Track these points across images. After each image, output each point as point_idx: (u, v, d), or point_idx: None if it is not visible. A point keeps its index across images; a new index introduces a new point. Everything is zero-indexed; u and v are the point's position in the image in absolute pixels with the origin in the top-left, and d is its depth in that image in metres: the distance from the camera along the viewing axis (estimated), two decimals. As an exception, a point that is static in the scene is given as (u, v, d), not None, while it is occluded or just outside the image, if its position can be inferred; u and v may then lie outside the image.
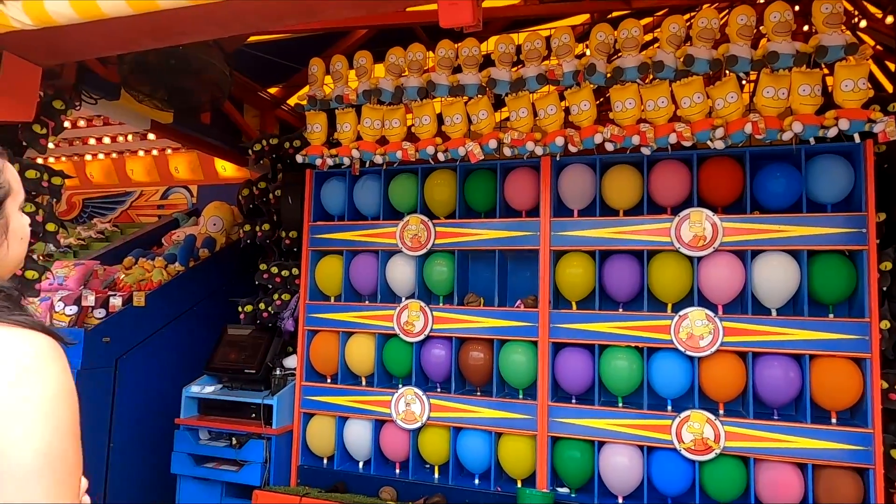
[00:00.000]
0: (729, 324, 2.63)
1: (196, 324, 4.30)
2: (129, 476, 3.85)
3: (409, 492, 3.02)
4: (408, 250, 3.17)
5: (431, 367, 3.10)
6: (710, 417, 2.60)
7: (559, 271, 2.94)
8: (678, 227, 2.73)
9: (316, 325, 3.34)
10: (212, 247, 4.71)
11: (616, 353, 2.79)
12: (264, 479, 3.15)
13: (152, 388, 3.98)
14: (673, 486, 2.68)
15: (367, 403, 3.17)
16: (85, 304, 3.85)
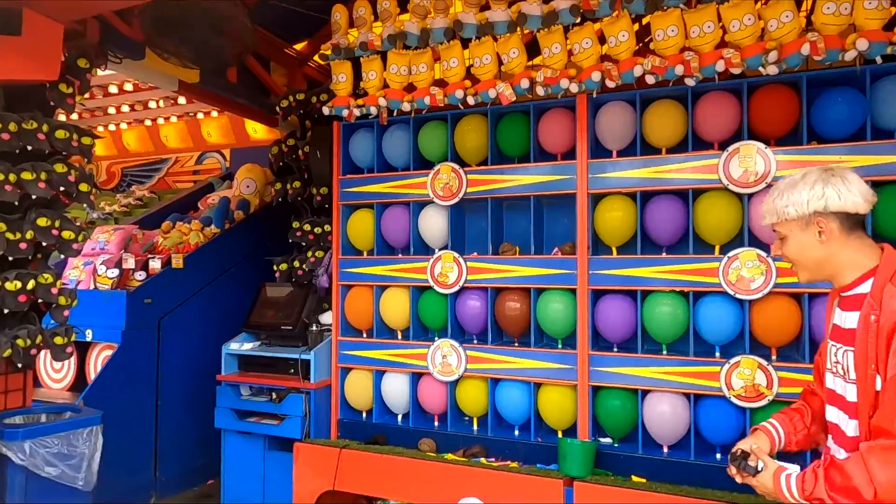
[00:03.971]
0: (783, 264, 2.46)
1: (234, 284, 4.36)
2: (177, 433, 3.98)
3: (448, 443, 3.00)
4: (439, 200, 3.07)
5: (467, 318, 3.03)
6: (761, 363, 2.47)
7: (598, 216, 2.80)
8: (726, 163, 2.55)
9: (349, 280, 3.31)
10: (246, 208, 4.73)
11: (660, 299, 2.66)
12: (305, 433, 3.18)
13: (194, 347, 4.07)
14: (722, 434, 2.56)
15: (403, 357, 3.14)
16: (126, 267, 3.92)
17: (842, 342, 1.47)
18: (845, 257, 1.44)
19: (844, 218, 1.42)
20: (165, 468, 3.92)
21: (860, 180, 1.45)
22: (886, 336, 1.32)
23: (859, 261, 1.43)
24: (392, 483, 2.78)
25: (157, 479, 3.89)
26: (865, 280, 1.42)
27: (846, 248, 1.43)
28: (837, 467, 1.32)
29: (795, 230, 1.46)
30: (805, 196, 1.43)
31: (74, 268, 4.08)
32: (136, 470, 3.76)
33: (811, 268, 1.49)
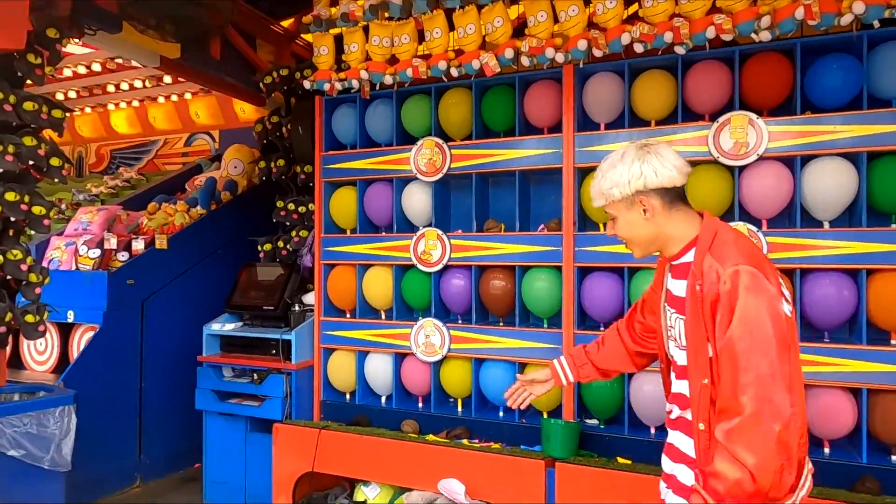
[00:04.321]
0: (774, 238, 2.37)
1: (220, 265, 4.29)
2: (162, 416, 3.93)
3: (432, 425, 2.94)
4: (423, 176, 2.98)
5: (451, 297, 2.95)
6: (751, 341, 2.38)
7: (585, 191, 2.70)
8: (717, 135, 2.45)
9: (332, 259, 3.23)
10: (233, 189, 4.65)
11: (648, 277, 2.57)
12: (286, 414, 3.11)
13: (179, 329, 4.01)
14: (710, 415, 2.49)
15: (386, 337, 3.07)
16: (107, 247, 3.85)
17: (674, 308, 1.49)
18: (670, 230, 1.47)
19: (664, 193, 1.45)
20: (150, 451, 3.87)
21: (674, 154, 1.47)
22: (710, 306, 1.35)
23: (683, 232, 1.47)
24: (372, 465, 2.72)
25: (142, 461, 3.84)
26: (689, 250, 1.45)
27: (670, 222, 1.46)
28: (712, 475, 1.28)
29: (623, 210, 1.49)
30: (625, 177, 1.45)
31: (56, 248, 4.01)
32: (119, 453, 3.71)
33: (642, 244, 1.52)
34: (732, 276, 1.32)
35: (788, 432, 1.25)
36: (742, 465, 1.23)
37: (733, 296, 1.31)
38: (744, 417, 1.25)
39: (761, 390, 1.26)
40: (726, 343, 1.31)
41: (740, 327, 1.29)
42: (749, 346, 1.28)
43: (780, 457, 1.24)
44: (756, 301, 1.30)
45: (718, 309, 1.33)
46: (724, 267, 1.34)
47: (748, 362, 1.28)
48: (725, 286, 1.32)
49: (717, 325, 1.33)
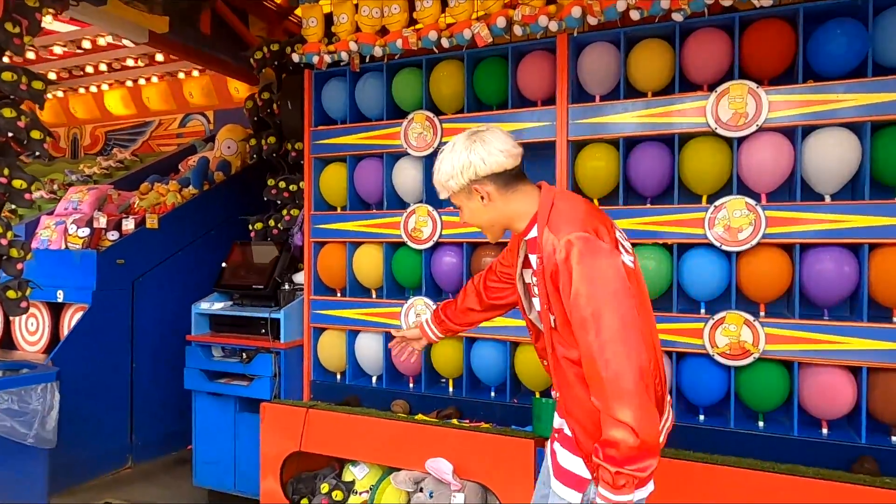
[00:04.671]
0: (773, 213, 2.29)
1: (213, 245, 4.23)
2: (154, 397, 3.90)
3: (422, 405, 2.89)
4: (413, 151, 2.91)
5: (442, 275, 2.89)
6: (748, 318, 2.31)
7: (579, 165, 2.63)
8: (716, 105, 2.37)
9: (322, 237, 3.16)
10: (226, 170, 4.59)
11: (643, 253, 2.50)
12: (274, 394, 3.07)
13: (171, 310, 3.96)
14: (705, 395, 2.43)
15: (376, 316, 3.01)
16: (97, 226, 3.80)
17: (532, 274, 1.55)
18: (511, 211, 1.52)
19: (496, 178, 1.49)
20: (142, 432, 3.84)
21: (503, 138, 1.51)
22: (551, 278, 1.41)
23: (524, 209, 1.51)
24: (360, 445, 2.67)
25: (134, 443, 3.82)
26: (532, 226, 1.50)
27: (510, 203, 1.51)
28: (605, 444, 1.31)
29: (463, 199, 1.54)
30: (457, 168, 1.49)
31: (46, 227, 3.96)
32: (110, 434, 3.68)
33: (490, 228, 1.57)
34: (566, 245, 1.37)
35: (649, 377, 1.32)
36: (624, 425, 1.27)
37: (569, 264, 1.36)
38: (608, 380, 1.31)
39: (617, 349, 1.31)
40: (574, 310, 1.36)
41: (583, 291, 1.35)
42: (595, 308, 1.33)
43: (650, 408, 1.30)
44: (592, 262, 1.36)
45: (559, 280, 1.39)
46: (558, 238, 1.39)
47: (599, 325, 1.33)
48: (561, 255, 1.38)
49: (562, 294, 1.39)
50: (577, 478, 1.48)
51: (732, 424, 2.38)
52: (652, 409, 1.31)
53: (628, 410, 1.28)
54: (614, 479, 1.30)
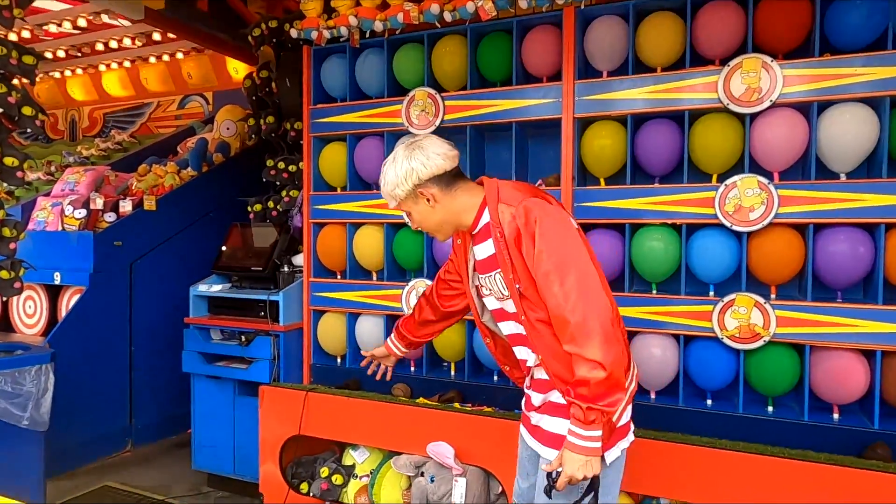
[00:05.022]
0: (786, 192, 2.22)
1: (211, 228, 4.16)
2: (153, 380, 3.86)
3: (424, 389, 2.84)
4: (415, 129, 2.83)
5: (444, 256, 2.82)
6: (758, 301, 2.25)
7: (585, 143, 2.55)
8: (727, 80, 2.28)
9: (322, 218, 3.10)
10: (225, 151, 4.51)
11: (650, 233, 2.43)
12: (273, 377, 3.02)
13: (170, 293, 3.91)
14: (713, 379, 2.37)
15: (377, 298, 2.95)
16: (94, 207, 3.74)
17: (487, 270, 1.64)
18: (458, 207, 1.62)
19: (438, 180, 1.60)
20: (141, 416, 3.81)
21: (438, 143, 1.62)
22: (514, 243, 1.53)
23: (470, 203, 1.62)
24: (360, 428, 2.63)
25: (133, 426, 3.79)
26: (482, 213, 1.61)
27: (455, 201, 1.62)
28: (576, 384, 1.44)
29: (411, 205, 1.64)
30: (400, 176, 1.59)
31: (42, 209, 3.90)
32: (109, 417, 3.65)
33: (440, 228, 1.66)
34: (524, 210, 1.51)
35: (611, 323, 1.44)
36: (593, 362, 1.40)
37: (529, 226, 1.50)
38: (576, 324, 1.43)
39: (581, 295, 1.45)
40: (538, 267, 1.48)
41: (545, 248, 1.48)
42: (558, 261, 1.47)
43: (616, 344, 1.43)
44: (549, 221, 1.50)
45: (522, 242, 1.51)
46: (514, 206, 1.53)
47: (562, 276, 1.46)
48: (521, 220, 1.51)
49: (525, 256, 1.51)
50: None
51: (741, 409, 2.32)
52: (618, 346, 1.43)
53: (596, 348, 1.40)
54: (585, 415, 1.41)
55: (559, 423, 1.55)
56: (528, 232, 1.50)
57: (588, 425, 1.42)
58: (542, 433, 1.61)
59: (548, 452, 1.58)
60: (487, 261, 1.62)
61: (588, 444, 1.43)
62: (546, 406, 1.61)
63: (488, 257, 1.61)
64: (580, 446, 1.43)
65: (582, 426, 1.42)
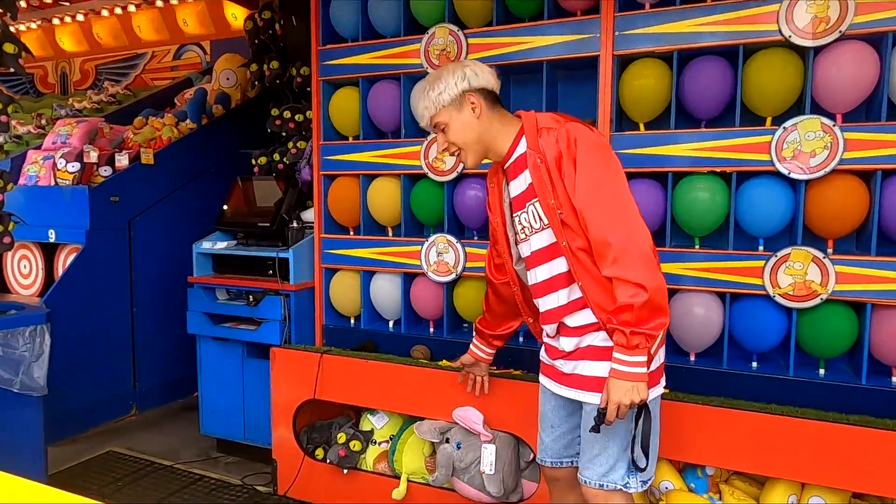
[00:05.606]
0: (853, 134, 2.00)
1: (213, 183, 3.95)
2: (157, 342, 3.70)
3: (444, 351, 2.67)
4: (434, 70, 2.58)
5: (466, 210, 2.62)
6: (816, 255, 2.06)
7: (624, 83, 2.32)
8: (790, 8, 2.04)
9: (333, 170, 2.88)
10: (226, 103, 4.25)
11: (695, 183, 2.22)
12: (284, 338, 2.86)
13: (172, 251, 3.72)
14: (761, 340, 2.20)
15: (393, 255, 2.76)
16: (87, 160, 3.52)
17: (523, 205, 1.61)
18: (497, 128, 1.61)
19: (486, 94, 1.61)
20: (145, 379, 3.66)
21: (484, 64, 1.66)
22: (556, 166, 1.50)
23: (508, 129, 1.62)
24: (379, 392, 2.47)
25: (137, 390, 3.64)
26: (518, 141, 1.59)
27: (495, 121, 1.61)
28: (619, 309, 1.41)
29: (453, 114, 1.60)
30: (451, 81, 1.59)
31: (33, 163, 3.67)
32: (111, 380, 3.50)
33: (475, 146, 1.62)
34: (565, 133, 1.49)
35: (652, 250, 1.44)
36: (635, 285, 1.38)
37: (571, 149, 1.48)
38: (617, 246, 1.41)
39: (623, 218, 1.44)
40: (579, 190, 1.46)
41: (587, 172, 1.46)
42: (603, 185, 1.46)
43: (657, 269, 1.42)
44: (591, 145, 1.48)
45: (563, 165, 1.49)
46: (556, 130, 1.51)
47: (604, 199, 1.45)
48: (562, 142, 1.49)
49: (566, 180, 1.48)
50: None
51: (791, 372, 2.16)
52: (659, 271, 1.42)
53: (638, 270, 1.39)
54: (629, 340, 1.39)
55: (602, 367, 1.51)
56: (569, 155, 1.48)
57: (632, 350, 1.40)
58: (583, 379, 1.57)
59: (592, 397, 1.54)
60: (523, 194, 1.60)
61: (633, 370, 1.41)
62: (584, 351, 1.57)
63: (524, 190, 1.59)
64: (626, 372, 1.41)
65: (626, 352, 1.41)
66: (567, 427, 1.71)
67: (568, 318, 1.60)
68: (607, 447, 1.53)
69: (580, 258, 1.51)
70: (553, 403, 1.72)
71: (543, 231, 1.58)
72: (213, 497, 2.71)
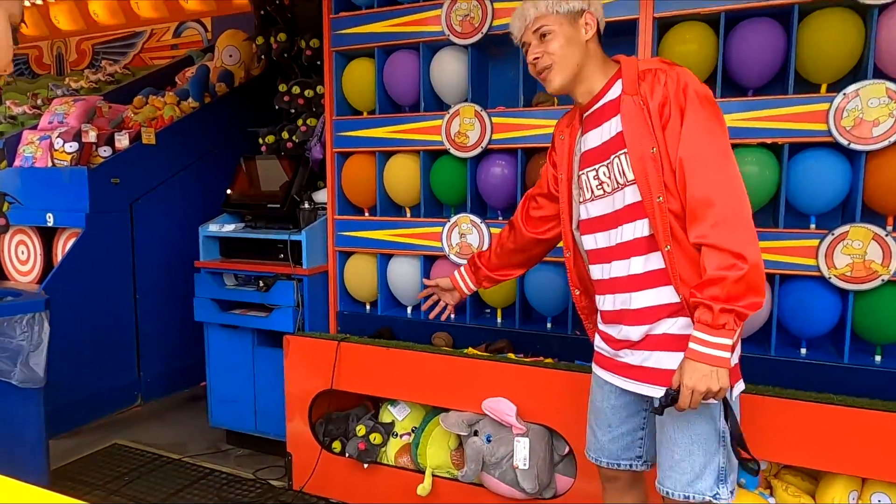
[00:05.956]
0: None
1: (219, 163, 3.78)
2: (162, 329, 3.55)
3: (467, 338, 2.53)
4: (457, 38, 2.42)
5: (491, 189, 2.46)
6: (877, 233, 1.90)
7: (665, 50, 2.15)
8: (852, -37, 1.87)
9: (347, 147, 2.72)
10: (229, 81, 4.07)
11: (742, 156, 2.05)
12: (298, 325, 2.71)
13: (175, 234, 3.57)
14: (812, 324, 2.05)
15: (413, 237, 2.60)
16: (86, 140, 3.34)
17: (602, 159, 1.42)
18: (596, 63, 1.44)
19: (598, 25, 1.44)
20: (150, 368, 3.52)
21: None
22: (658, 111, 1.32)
23: (605, 68, 1.45)
24: (401, 382, 2.33)
25: (142, 379, 3.50)
26: (612, 85, 1.42)
27: (598, 55, 1.45)
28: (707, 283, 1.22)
29: (564, 25, 1.41)
30: None
31: (29, 143, 3.50)
32: (115, 370, 3.35)
33: (569, 69, 1.42)
34: (676, 76, 1.32)
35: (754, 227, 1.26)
36: (734, 254, 1.20)
37: (679, 96, 1.30)
38: (723, 210, 1.24)
39: (733, 182, 1.28)
40: (688, 143, 1.28)
41: (703, 127, 1.29)
42: (715, 145, 1.28)
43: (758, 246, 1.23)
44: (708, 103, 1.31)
45: (666, 113, 1.31)
46: (666, 73, 1.33)
47: (716, 160, 1.28)
48: (672, 86, 1.31)
49: (669, 129, 1.31)
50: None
51: (846, 359, 2.01)
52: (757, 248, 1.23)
53: (743, 239, 1.21)
54: (715, 318, 1.21)
55: (679, 359, 1.30)
56: (677, 102, 1.30)
57: (717, 330, 1.21)
58: (655, 373, 1.37)
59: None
60: (604, 146, 1.41)
61: (716, 353, 1.21)
62: (658, 339, 1.36)
63: (606, 141, 1.41)
64: (706, 354, 1.22)
65: (709, 331, 1.22)
66: (628, 427, 1.50)
67: (637, 294, 1.38)
68: (692, 451, 1.31)
69: (670, 221, 1.31)
70: (613, 402, 1.50)
71: (626, 188, 1.37)
72: (224, 492, 2.57)
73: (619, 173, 1.38)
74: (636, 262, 1.38)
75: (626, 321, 1.41)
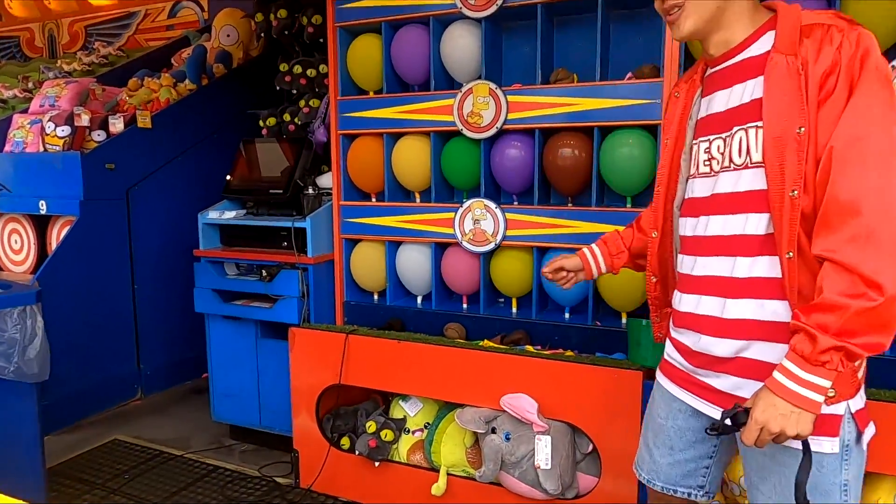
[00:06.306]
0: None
1: (218, 147, 3.65)
2: (161, 321, 3.44)
3: (481, 329, 2.41)
4: (470, 11, 2.27)
5: (506, 172, 2.33)
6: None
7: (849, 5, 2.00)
8: (904, -76, 1.72)
9: (352, 128, 2.58)
10: (227, 62, 3.91)
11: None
12: (303, 316, 2.59)
13: (173, 222, 3.45)
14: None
15: (423, 223, 2.48)
16: (79, 124, 3.20)
17: (718, 130, 1.17)
18: (741, 7, 1.13)
19: None
20: (150, 360, 3.41)
21: None
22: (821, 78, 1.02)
23: (753, 16, 1.15)
24: (413, 376, 2.21)
25: (141, 372, 3.39)
26: (759, 37, 1.13)
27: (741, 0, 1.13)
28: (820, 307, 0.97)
29: None
30: None
31: (20, 127, 3.36)
32: (114, 362, 3.25)
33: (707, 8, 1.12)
34: (856, 38, 1.01)
35: None
36: (866, 281, 0.94)
37: (854, 66, 1.00)
38: (869, 222, 0.96)
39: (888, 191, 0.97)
40: (848, 128, 0.99)
41: (868, 107, 0.99)
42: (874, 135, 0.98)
43: None
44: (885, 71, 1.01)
45: (830, 84, 1.01)
46: (844, 32, 1.02)
47: (877, 154, 0.98)
48: (847, 50, 1.01)
49: (829, 106, 1.01)
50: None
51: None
52: None
53: (884, 263, 0.94)
54: (816, 352, 0.96)
55: None
56: (848, 73, 1.00)
57: (814, 367, 0.96)
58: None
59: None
60: (733, 112, 1.13)
61: (803, 392, 0.97)
62: (756, 367, 1.11)
63: (738, 106, 1.12)
64: (790, 390, 0.98)
65: (803, 365, 0.97)
66: (694, 454, 1.29)
67: (734, 302, 1.13)
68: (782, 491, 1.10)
69: (795, 217, 1.04)
70: (681, 423, 1.28)
71: (747, 170, 1.10)
72: (229, 490, 2.47)
73: (738, 151, 1.11)
74: (742, 262, 1.12)
75: (708, 331, 1.17)
